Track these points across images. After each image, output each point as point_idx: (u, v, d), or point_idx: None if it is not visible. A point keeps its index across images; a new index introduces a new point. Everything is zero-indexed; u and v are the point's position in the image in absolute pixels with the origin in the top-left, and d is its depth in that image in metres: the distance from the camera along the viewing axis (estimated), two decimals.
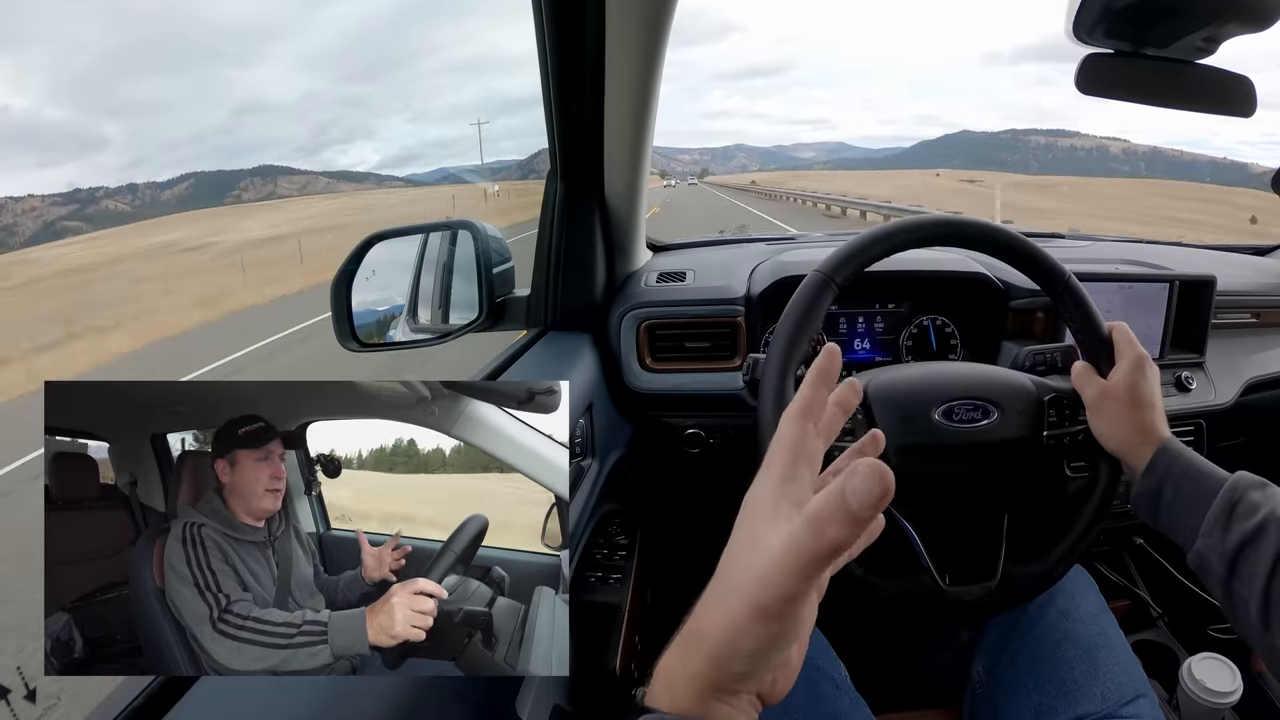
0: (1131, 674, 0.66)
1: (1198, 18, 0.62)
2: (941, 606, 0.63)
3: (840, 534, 0.26)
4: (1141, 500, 0.59)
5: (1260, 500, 0.52)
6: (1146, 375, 0.60)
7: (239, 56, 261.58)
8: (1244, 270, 1.13)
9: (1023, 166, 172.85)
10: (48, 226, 46.74)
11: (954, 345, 1.00)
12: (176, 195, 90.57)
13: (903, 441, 0.62)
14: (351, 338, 0.80)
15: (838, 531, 0.26)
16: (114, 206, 71.83)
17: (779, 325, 0.63)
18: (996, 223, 0.69)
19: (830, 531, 0.26)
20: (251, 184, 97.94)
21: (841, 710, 0.64)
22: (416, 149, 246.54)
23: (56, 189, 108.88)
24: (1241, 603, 0.50)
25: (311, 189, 61.10)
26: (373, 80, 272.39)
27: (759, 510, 0.30)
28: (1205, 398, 0.96)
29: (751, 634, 0.28)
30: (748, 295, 0.94)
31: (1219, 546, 0.52)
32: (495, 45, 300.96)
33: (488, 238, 0.86)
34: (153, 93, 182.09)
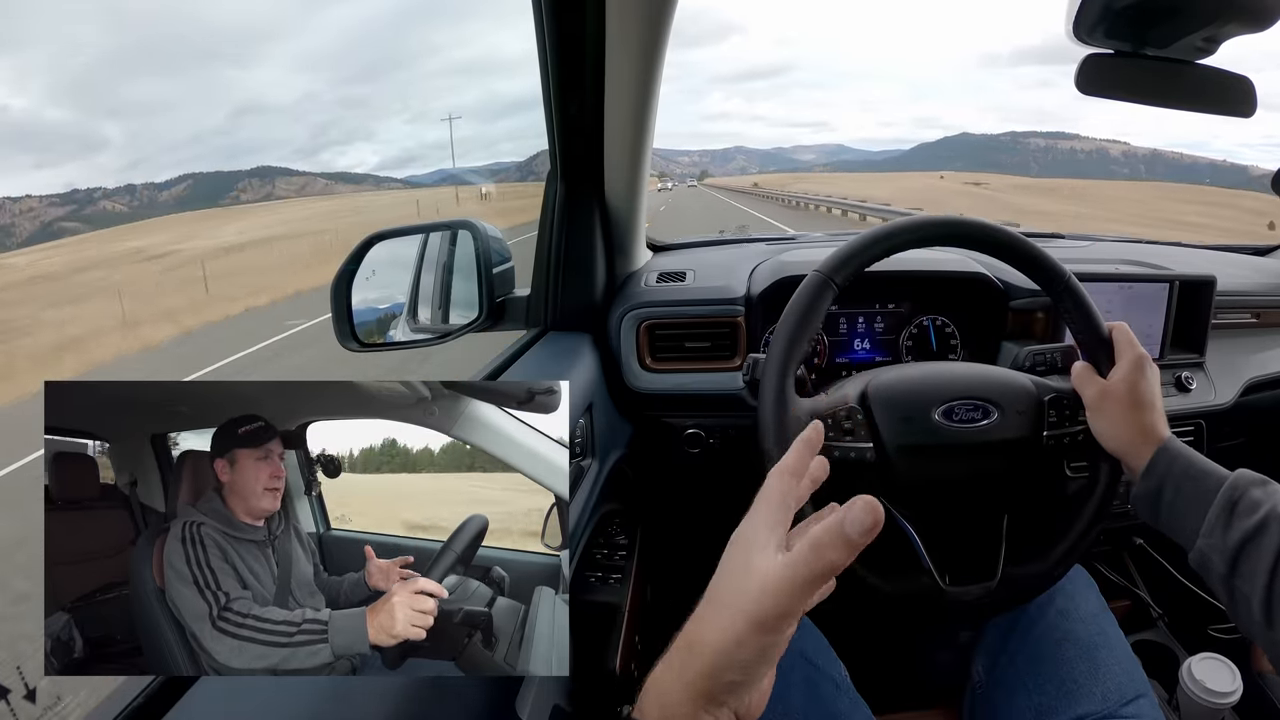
0: (1131, 674, 0.66)
1: (1198, 18, 0.62)
2: (941, 607, 0.63)
3: (837, 557, 0.31)
4: (1142, 500, 0.59)
5: (1261, 497, 0.52)
6: (1146, 375, 0.60)
7: (238, 57, 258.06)
8: (1244, 270, 1.13)
9: (1022, 169, 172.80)
10: (45, 227, 46.42)
11: (954, 345, 1.00)
12: (174, 196, 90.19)
13: (903, 442, 0.62)
14: (351, 338, 0.80)
15: (836, 555, 0.31)
16: (112, 207, 71.45)
17: (779, 325, 0.63)
18: (996, 222, 0.69)
19: (829, 554, 0.31)
20: (250, 185, 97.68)
21: (841, 710, 0.64)
22: (416, 150, 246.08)
23: (55, 190, 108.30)
24: (1244, 600, 0.50)
25: (310, 190, 60.92)
26: (372, 81, 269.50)
27: (751, 543, 0.34)
28: (1205, 398, 0.96)
29: (748, 645, 0.32)
30: (748, 295, 0.94)
31: (1220, 545, 0.52)
32: (495, 47, 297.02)
33: (488, 238, 0.86)
34: (152, 93, 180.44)
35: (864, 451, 0.62)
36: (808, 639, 0.67)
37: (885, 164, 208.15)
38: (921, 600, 0.63)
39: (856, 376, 0.68)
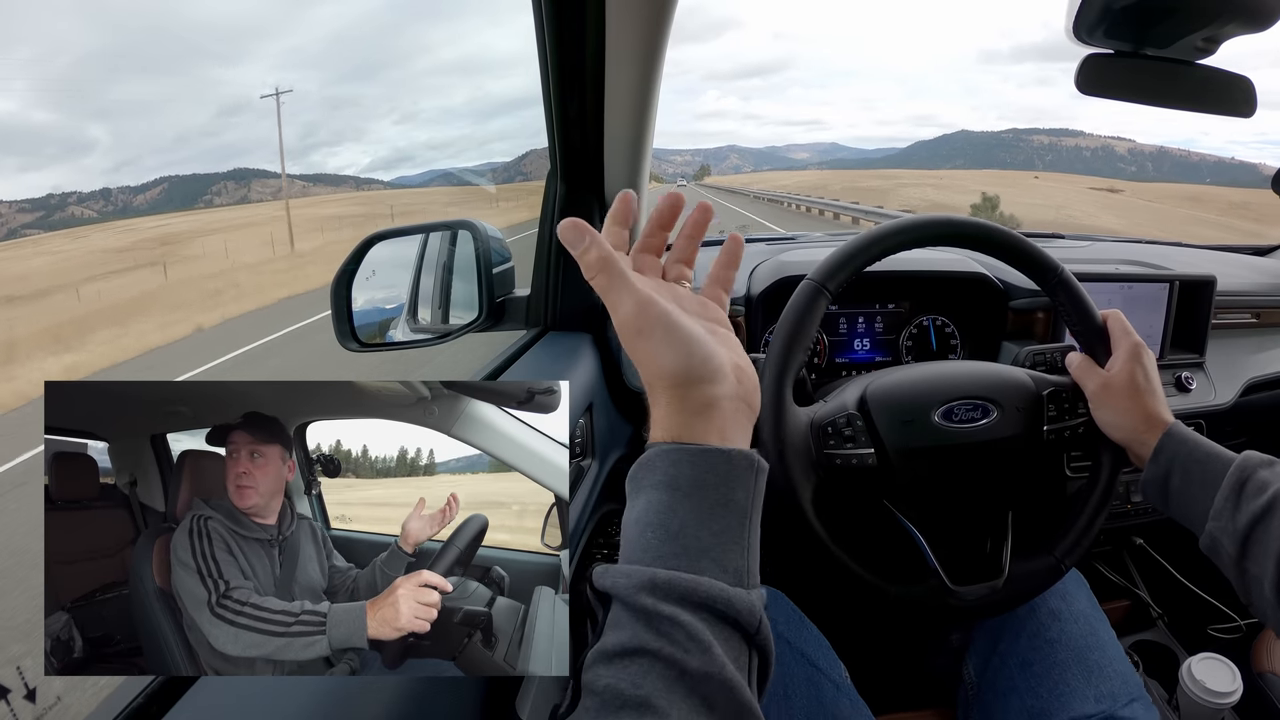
0: (1125, 676, 0.66)
1: (1198, 18, 0.62)
2: (948, 608, 0.63)
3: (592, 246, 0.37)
4: (1150, 487, 0.58)
5: (1269, 478, 0.52)
6: (1144, 362, 0.60)
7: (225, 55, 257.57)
8: (1244, 270, 1.13)
9: (1026, 167, 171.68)
10: (10, 235, 45.63)
11: (954, 345, 1.00)
12: (149, 199, 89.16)
13: (904, 445, 0.62)
14: (351, 338, 0.80)
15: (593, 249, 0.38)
16: (81, 213, 70.30)
17: (774, 334, 0.63)
18: (989, 220, 0.69)
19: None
20: (225, 187, 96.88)
21: (842, 711, 0.64)
22: (408, 150, 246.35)
23: (32, 194, 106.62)
24: (1255, 581, 0.50)
25: (287, 192, 60.38)
26: (362, 81, 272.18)
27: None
28: (1205, 398, 0.96)
29: (636, 348, 0.37)
30: (748, 295, 0.94)
31: (1230, 527, 0.52)
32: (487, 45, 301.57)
33: (488, 238, 0.86)
34: (137, 94, 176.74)
35: (865, 457, 0.62)
36: (808, 639, 0.67)
37: (881, 162, 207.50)
38: (928, 603, 0.63)
39: (854, 381, 0.68)
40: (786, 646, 0.64)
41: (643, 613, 0.30)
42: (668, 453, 0.35)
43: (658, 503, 0.34)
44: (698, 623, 0.30)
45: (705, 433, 0.35)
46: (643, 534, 0.33)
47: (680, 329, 0.36)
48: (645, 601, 0.31)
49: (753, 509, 0.35)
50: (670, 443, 0.35)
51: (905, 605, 0.63)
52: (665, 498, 0.34)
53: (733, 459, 0.35)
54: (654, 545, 0.33)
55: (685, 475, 0.34)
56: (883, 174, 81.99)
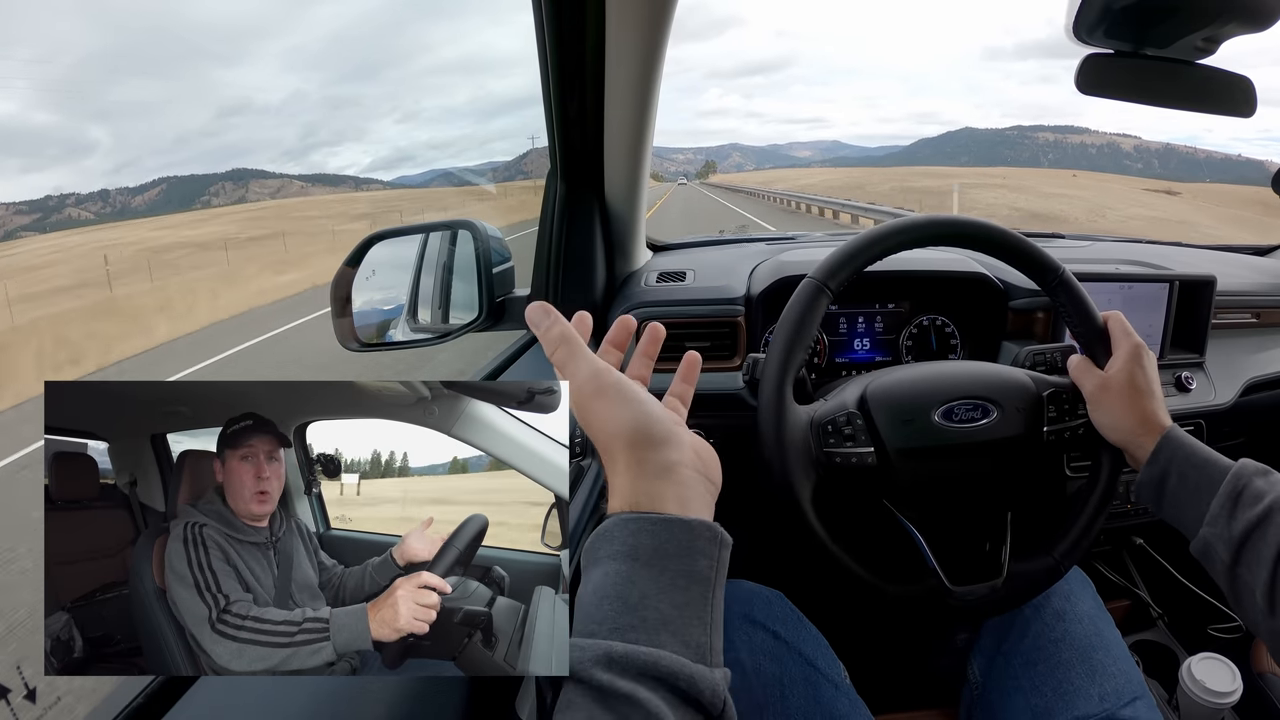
0: (1129, 676, 0.66)
1: (1198, 18, 0.62)
2: (946, 608, 0.63)
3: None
4: (1145, 489, 0.59)
5: (1265, 487, 0.52)
6: (1144, 364, 0.60)
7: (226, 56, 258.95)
8: (1244, 270, 1.13)
9: (1032, 164, 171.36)
10: (7, 237, 45.22)
11: (954, 345, 1.00)
12: (147, 200, 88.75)
13: (904, 445, 0.62)
14: (351, 337, 0.80)
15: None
16: (77, 215, 69.71)
17: (775, 332, 0.63)
18: (989, 220, 0.69)
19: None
20: (223, 188, 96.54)
21: (840, 711, 0.64)
22: (409, 150, 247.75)
23: (32, 195, 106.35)
24: (1247, 589, 0.50)
25: (285, 193, 60.08)
26: (363, 81, 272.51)
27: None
28: (1205, 398, 0.96)
29: (593, 410, 0.38)
30: (748, 295, 0.94)
31: (1224, 534, 0.52)
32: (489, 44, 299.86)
33: (488, 238, 0.86)
34: (137, 95, 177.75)
35: (865, 456, 0.62)
36: (807, 639, 0.67)
37: (884, 160, 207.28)
38: (926, 602, 0.63)
39: (854, 380, 0.68)
40: (784, 646, 0.64)
41: (598, 690, 0.29)
42: (627, 522, 0.34)
43: (615, 574, 0.33)
44: (657, 700, 0.29)
45: (664, 500, 0.35)
46: (599, 605, 0.32)
47: (635, 392, 0.37)
48: (600, 677, 0.29)
49: (716, 582, 0.34)
50: (630, 512, 0.34)
51: (904, 605, 0.63)
52: (624, 568, 0.33)
53: (694, 529, 0.34)
54: (610, 616, 0.31)
55: (645, 545, 0.33)
56: (929, 171, 79.75)
